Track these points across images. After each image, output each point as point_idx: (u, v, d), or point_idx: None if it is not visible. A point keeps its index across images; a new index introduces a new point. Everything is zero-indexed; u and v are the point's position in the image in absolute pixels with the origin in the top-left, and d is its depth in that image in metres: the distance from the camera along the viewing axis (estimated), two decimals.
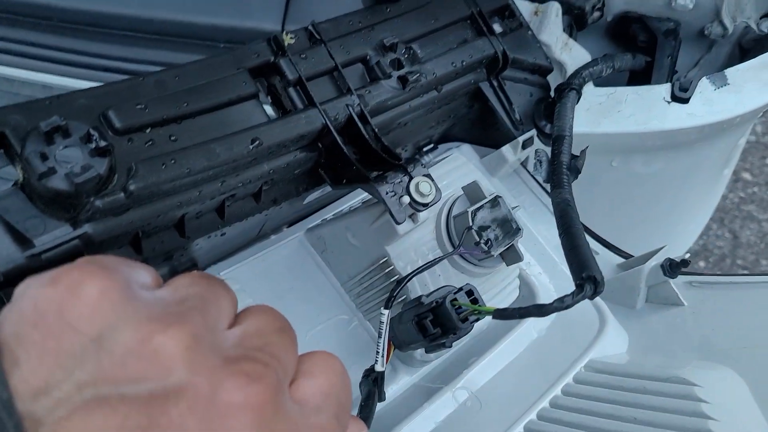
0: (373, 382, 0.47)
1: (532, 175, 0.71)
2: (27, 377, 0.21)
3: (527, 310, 0.41)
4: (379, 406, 0.55)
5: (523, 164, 0.72)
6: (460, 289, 0.47)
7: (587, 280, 0.41)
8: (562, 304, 0.40)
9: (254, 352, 0.25)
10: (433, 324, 0.46)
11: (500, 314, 0.43)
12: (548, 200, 0.69)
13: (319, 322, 0.60)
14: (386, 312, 0.46)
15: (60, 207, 0.40)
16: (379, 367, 0.47)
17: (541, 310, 0.40)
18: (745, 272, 1.63)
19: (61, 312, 0.23)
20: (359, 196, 0.66)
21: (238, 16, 0.86)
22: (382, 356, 0.47)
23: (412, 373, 0.60)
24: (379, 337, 0.47)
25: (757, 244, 1.64)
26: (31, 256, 0.40)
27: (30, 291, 0.24)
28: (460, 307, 0.46)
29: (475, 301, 0.46)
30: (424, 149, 0.70)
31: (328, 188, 0.58)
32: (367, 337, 0.61)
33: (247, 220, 0.57)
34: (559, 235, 0.50)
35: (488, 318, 0.62)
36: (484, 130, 0.69)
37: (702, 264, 1.62)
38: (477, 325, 0.60)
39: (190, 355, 0.23)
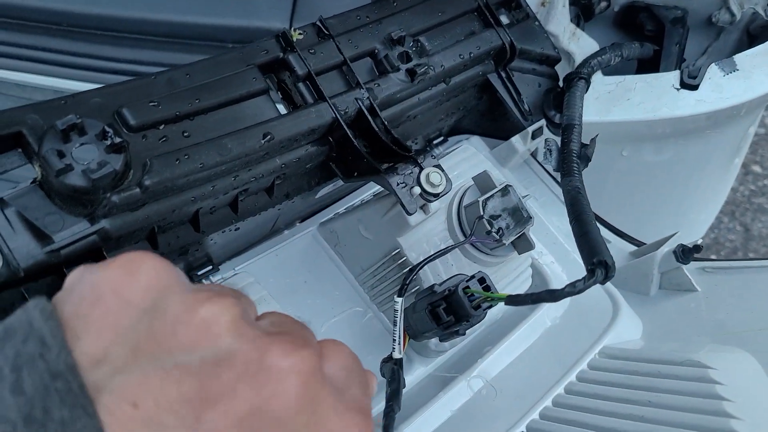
0: (395, 364, 0.47)
1: (543, 166, 0.72)
2: (87, 349, 0.23)
3: (539, 295, 0.41)
4: None
5: (534, 155, 0.72)
6: (472, 276, 0.47)
7: (598, 265, 0.41)
8: (574, 289, 0.40)
9: (289, 331, 0.27)
10: (447, 312, 0.47)
11: (513, 300, 0.44)
12: (559, 190, 0.69)
13: (334, 315, 0.61)
14: (400, 300, 0.47)
15: (77, 203, 0.41)
16: (396, 355, 0.47)
17: (554, 295, 0.41)
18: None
19: (118, 290, 0.25)
20: (371, 189, 0.67)
21: (245, 16, 0.87)
22: (399, 344, 0.47)
23: (428, 364, 0.60)
24: (395, 325, 0.47)
25: None
26: (50, 252, 0.41)
27: (87, 276, 0.26)
28: (472, 295, 0.46)
29: (487, 289, 0.47)
30: (435, 141, 0.71)
31: (340, 182, 0.58)
32: (381, 328, 0.61)
33: (261, 214, 0.57)
34: (570, 222, 0.50)
35: (502, 307, 0.62)
36: (494, 122, 0.70)
37: (713, 258, 1.61)
38: (491, 314, 0.60)
39: (234, 325, 0.24)
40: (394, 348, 0.47)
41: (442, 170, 0.53)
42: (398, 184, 0.52)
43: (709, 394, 0.44)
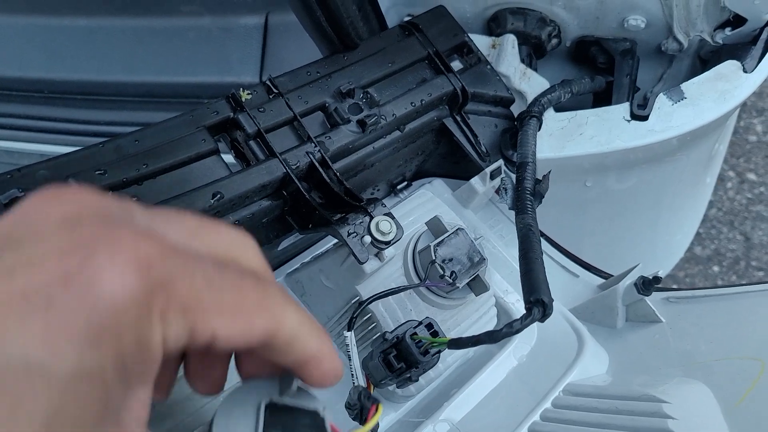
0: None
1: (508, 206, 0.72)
2: None
3: (479, 338, 0.42)
4: None
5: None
6: (420, 322, 0.48)
7: (535, 304, 0.42)
8: (511, 329, 0.40)
9: None
10: (397, 359, 0.47)
11: (454, 344, 0.44)
12: None
13: None
14: (349, 334, 0.47)
15: None
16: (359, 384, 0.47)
17: (492, 337, 0.41)
18: (761, 273, 1.60)
19: None
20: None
21: (217, 73, 0.90)
22: (357, 377, 0.47)
23: (397, 409, 0.60)
24: (349, 360, 0.48)
25: None
26: None
27: None
28: (420, 341, 0.46)
29: (435, 334, 0.47)
30: (398, 186, 0.72)
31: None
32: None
33: None
34: (519, 259, 0.50)
35: (472, 349, 0.62)
36: (456, 164, 0.71)
37: (716, 269, 1.59)
38: (461, 356, 0.61)
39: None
40: (354, 383, 0.47)
41: (392, 218, 0.54)
42: (349, 234, 0.53)
43: (662, 429, 0.43)
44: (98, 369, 0.21)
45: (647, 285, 0.58)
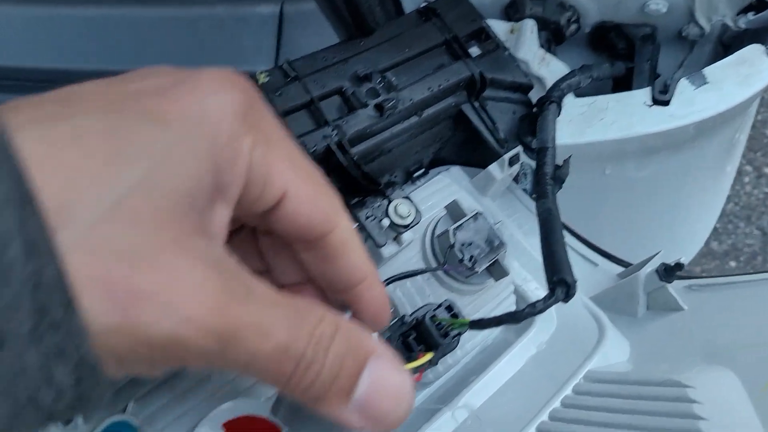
0: None
1: (527, 192, 0.72)
2: None
3: (501, 318, 0.41)
4: None
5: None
6: (440, 305, 0.47)
7: (558, 284, 0.41)
8: (534, 309, 0.40)
9: None
10: (417, 342, 0.47)
11: (476, 324, 0.43)
12: None
13: None
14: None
15: None
16: None
17: (515, 317, 0.40)
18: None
19: None
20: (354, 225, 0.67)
21: (231, 62, 0.89)
22: None
23: (415, 396, 0.59)
24: None
25: None
26: None
27: None
28: (440, 323, 0.46)
29: (455, 316, 0.46)
30: (415, 174, 0.71)
31: None
32: None
33: None
34: (540, 242, 0.50)
35: (490, 337, 0.62)
36: (473, 151, 0.70)
37: (733, 264, 1.57)
38: (479, 343, 0.60)
39: None
40: None
41: (411, 201, 0.53)
42: (367, 218, 0.53)
43: (686, 413, 0.42)
44: (194, 150, 0.23)
45: (669, 272, 0.57)
